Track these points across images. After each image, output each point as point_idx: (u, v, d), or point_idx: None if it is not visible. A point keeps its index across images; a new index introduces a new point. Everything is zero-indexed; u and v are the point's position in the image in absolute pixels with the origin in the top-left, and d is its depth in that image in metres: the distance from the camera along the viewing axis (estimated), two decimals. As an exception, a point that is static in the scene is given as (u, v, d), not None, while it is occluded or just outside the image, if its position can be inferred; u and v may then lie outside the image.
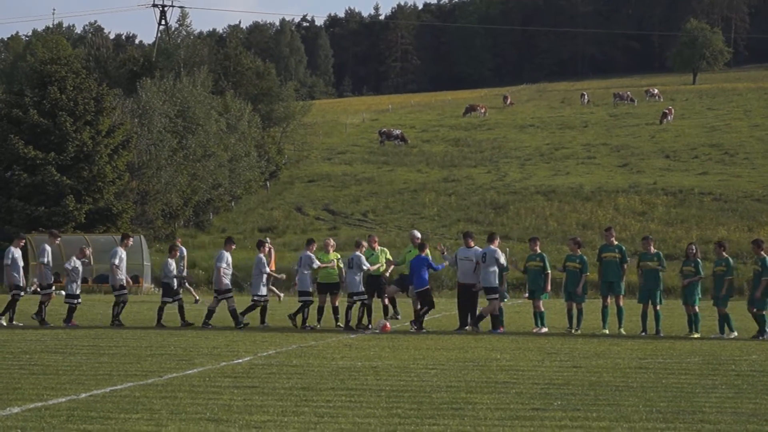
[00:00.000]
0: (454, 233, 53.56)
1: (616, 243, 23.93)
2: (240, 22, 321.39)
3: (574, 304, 23.21)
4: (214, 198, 63.56)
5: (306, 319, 23.41)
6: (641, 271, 22.97)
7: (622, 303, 23.18)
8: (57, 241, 25.54)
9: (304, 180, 73.90)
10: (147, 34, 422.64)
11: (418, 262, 23.06)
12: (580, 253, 23.76)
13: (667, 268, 23.95)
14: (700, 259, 22.96)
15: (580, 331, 22.81)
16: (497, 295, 22.86)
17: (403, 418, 10.75)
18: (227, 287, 23.87)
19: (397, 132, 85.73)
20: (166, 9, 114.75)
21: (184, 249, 35.95)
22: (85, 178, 51.50)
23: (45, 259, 24.40)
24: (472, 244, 23.52)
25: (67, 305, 24.21)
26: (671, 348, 19.18)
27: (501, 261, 22.96)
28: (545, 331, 22.96)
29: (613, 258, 23.22)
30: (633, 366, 15.94)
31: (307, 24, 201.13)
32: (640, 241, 24.33)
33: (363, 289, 23.09)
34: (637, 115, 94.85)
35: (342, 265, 23.77)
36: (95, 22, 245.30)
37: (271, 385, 13.13)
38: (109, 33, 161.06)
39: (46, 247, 24.58)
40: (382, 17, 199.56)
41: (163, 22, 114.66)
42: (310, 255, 23.30)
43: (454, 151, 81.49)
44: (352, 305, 23.12)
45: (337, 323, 23.46)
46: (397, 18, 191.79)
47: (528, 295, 23.93)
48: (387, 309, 24.70)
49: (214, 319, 23.94)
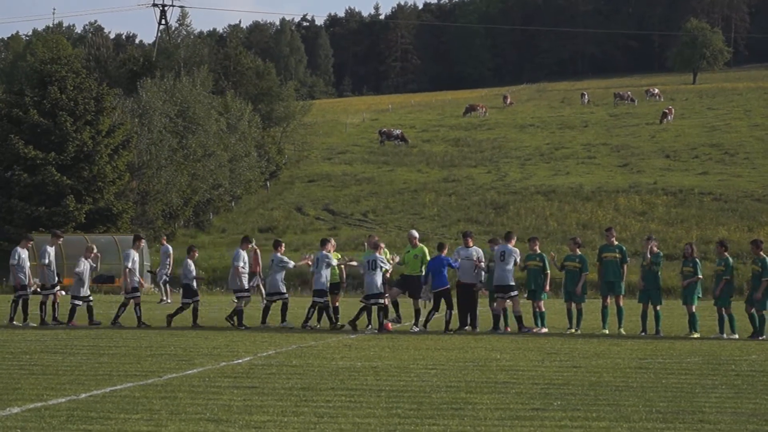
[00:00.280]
0: (454, 233, 53.51)
1: (616, 243, 23.96)
2: (240, 22, 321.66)
3: (574, 304, 23.24)
4: (214, 198, 63.54)
5: (309, 318, 23.41)
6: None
7: (622, 303, 23.20)
8: (59, 241, 25.54)
9: (305, 180, 73.87)
10: (147, 33, 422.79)
11: (438, 262, 22.93)
12: (579, 252, 23.78)
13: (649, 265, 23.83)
14: (698, 259, 22.99)
15: (579, 331, 22.82)
16: (516, 292, 22.92)
17: (403, 418, 10.76)
18: (244, 287, 23.87)
19: (397, 132, 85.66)
20: (166, 8, 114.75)
21: (169, 247, 35.93)
22: (86, 178, 51.49)
23: (46, 260, 24.40)
24: (471, 243, 23.54)
25: (71, 306, 24.20)
26: (671, 348, 19.18)
27: (518, 261, 23.01)
28: (545, 331, 22.96)
29: (613, 258, 23.25)
30: (633, 366, 15.95)
31: (307, 23, 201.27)
32: (643, 241, 24.27)
33: (382, 290, 22.96)
34: (637, 114, 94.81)
35: (341, 265, 23.82)
36: (95, 21, 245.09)
37: (271, 386, 13.14)
38: (109, 33, 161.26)
39: (48, 248, 24.59)
40: (382, 17, 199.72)
41: (163, 22, 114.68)
42: (326, 254, 23.30)
43: (454, 151, 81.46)
44: (370, 307, 23.02)
45: (338, 323, 23.44)
46: (397, 17, 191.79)
47: (528, 295, 23.92)
48: (387, 310, 24.68)
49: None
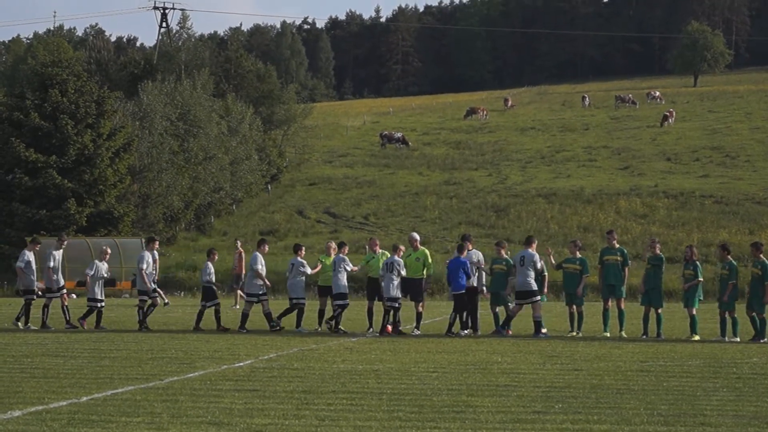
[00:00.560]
0: (455, 236, 53.51)
1: (617, 246, 23.97)
2: (241, 25, 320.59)
3: (575, 307, 23.22)
4: (215, 201, 63.52)
5: (338, 322, 23.35)
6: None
7: (623, 306, 23.19)
8: (64, 244, 25.57)
9: (305, 183, 73.86)
10: (148, 36, 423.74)
11: (456, 265, 22.85)
12: (579, 255, 23.77)
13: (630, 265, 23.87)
14: (699, 262, 22.99)
15: (581, 334, 22.82)
16: (539, 297, 22.87)
17: (404, 421, 10.76)
18: (261, 290, 23.83)
19: (398, 135, 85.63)
20: (167, 11, 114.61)
21: (155, 252, 35.42)
22: (87, 181, 51.50)
23: (50, 263, 24.46)
24: (470, 247, 23.53)
25: (89, 307, 24.27)
26: (672, 351, 19.18)
27: (538, 265, 22.88)
28: (545, 332, 22.94)
29: (614, 261, 23.25)
30: (634, 369, 15.95)
31: (308, 26, 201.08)
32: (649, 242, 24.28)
33: (399, 294, 22.94)
34: (638, 117, 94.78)
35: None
36: (96, 24, 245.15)
37: (272, 389, 13.14)
38: (110, 36, 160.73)
39: (53, 251, 24.62)
40: (383, 19, 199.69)
41: (164, 25, 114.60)
42: (343, 258, 23.38)
43: (455, 153, 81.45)
44: (389, 311, 23.01)
45: (338, 326, 23.44)
46: (398, 20, 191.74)
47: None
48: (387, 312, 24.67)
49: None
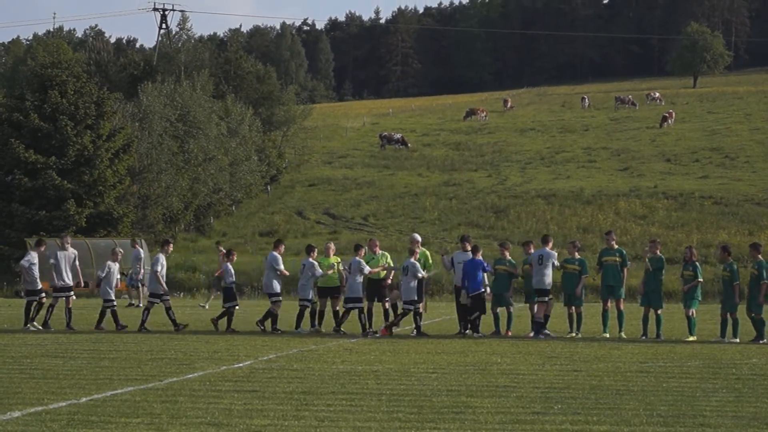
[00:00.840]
0: (455, 237, 53.51)
1: (616, 247, 23.97)
2: (241, 26, 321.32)
3: (574, 308, 23.22)
4: (214, 202, 63.52)
5: (343, 322, 23.33)
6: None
7: (622, 307, 23.19)
8: (68, 246, 25.54)
9: (305, 184, 73.86)
10: (148, 38, 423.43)
11: (473, 265, 22.81)
12: (578, 256, 23.77)
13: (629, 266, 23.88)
14: (698, 263, 22.99)
15: (580, 335, 22.82)
16: (550, 297, 22.85)
17: (404, 422, 10.76)
18: (276, 291, 23.82)
19: (398, 136, 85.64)
20: (166, 13, 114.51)
21: (141, 251, 35.25)
22: (86, 182, 51.49)
23: (54, 261, 24.47)
24: (468, 247, 23.52)
25: (110, 310, 24.26)
26: (672, 352, 19.18)
27: (556, 264, 22.92)
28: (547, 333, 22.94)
29: (613, 262, 23.25)
30: (633, 370, 15.95)
31: (308, 28, 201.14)
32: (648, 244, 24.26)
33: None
34: (637, 118, 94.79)
35: (342, 269, 23.78)
36: (96, 25, 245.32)
37: (272, 390, 13.14)
38: (109, 37, 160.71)
39: (57, 252, 24.63)
40: (382, 21, 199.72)
41: (163, 26, 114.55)
42: (359, 260, 23.19)
43: (454, 155, 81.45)
44: (406, 313, 23.04)
45: (340, 328, 23.41)
46: (398, 22, 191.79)
47: (527, 299, 23.87)
48: (387, 313, 24.66)
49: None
